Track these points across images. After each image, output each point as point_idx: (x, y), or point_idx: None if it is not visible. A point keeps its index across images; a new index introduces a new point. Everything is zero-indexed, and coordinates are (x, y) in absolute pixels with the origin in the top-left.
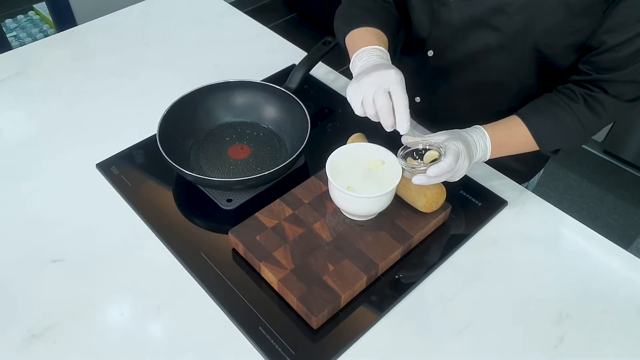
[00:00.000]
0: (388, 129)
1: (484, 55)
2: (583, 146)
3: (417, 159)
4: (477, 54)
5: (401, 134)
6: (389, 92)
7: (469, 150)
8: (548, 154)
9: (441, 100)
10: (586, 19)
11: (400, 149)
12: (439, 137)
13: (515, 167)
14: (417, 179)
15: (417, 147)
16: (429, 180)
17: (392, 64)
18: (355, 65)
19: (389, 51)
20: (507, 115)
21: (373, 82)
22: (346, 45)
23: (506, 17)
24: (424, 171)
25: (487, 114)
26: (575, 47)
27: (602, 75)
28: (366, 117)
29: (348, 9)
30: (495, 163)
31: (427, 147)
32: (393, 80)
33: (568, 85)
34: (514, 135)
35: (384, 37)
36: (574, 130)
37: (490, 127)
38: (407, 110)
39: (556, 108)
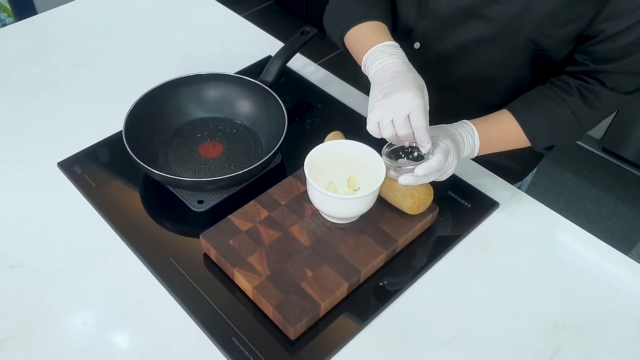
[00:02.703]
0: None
1: (475, 47)
2: (580, 144)
3: (403, 157)
4: (467, 47)
5: (423, 153)
6: (409, 116)
7: (457, 148)
8: (541, 150)
9: (429, 95)
10: (585, 6)
11: (384, 147)
12: None
13: (507, 165)
14: (405, 179)
15: (402, 145)
16: (417, 180)
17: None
18: (370, 68)
19: None
20: (498, 110)
21: (393, 109)
22: (347, 45)
23: (499, 6)
24: (411, 170)
25: (477, 109)
26: (573, 36)
27: (600, 66)
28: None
29: (341, 4)
30: (486, 161)
31: (414, 145)
32: (412, 107)
33: (562, 77)
34: (504, 131)
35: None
36: (567, 125)
37: (478, 122)
38: (428, 133)
39: (549, 101)
